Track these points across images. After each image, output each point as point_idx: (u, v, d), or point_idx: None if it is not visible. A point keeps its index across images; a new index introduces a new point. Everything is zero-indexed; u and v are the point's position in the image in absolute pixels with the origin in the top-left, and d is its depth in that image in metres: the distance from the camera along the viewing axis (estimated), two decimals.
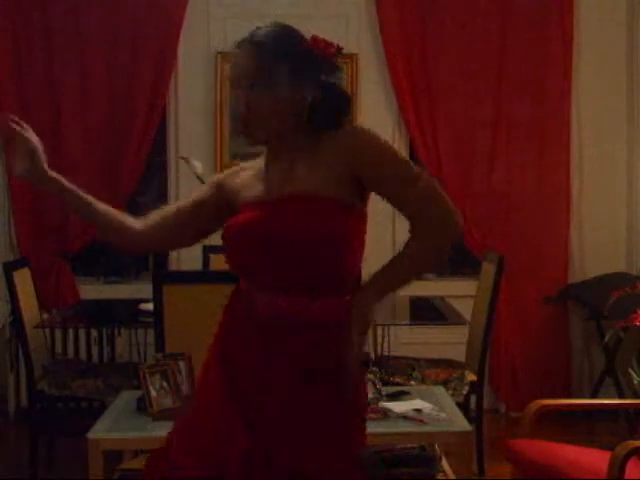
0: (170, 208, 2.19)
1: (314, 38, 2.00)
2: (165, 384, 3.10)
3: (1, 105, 5.09)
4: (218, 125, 5.27)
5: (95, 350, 4.78)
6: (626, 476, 2.77)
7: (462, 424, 3.08)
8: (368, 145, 1.94)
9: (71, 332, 4.78)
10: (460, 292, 5.02)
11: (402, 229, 5.25)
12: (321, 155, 1.94)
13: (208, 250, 4.84)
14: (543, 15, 5.22)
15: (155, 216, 2.16)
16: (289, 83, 1.94)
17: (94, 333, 4.77)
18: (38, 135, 2.03)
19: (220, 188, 2.12)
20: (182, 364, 3.16)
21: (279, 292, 1.94)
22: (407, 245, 1.95)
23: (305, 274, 1.93)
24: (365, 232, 1.99)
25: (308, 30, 2.08)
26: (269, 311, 1.95)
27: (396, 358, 4.46)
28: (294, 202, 1.92)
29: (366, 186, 1.96)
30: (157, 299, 3.58)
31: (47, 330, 4.54)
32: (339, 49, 2.01)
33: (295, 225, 1.90)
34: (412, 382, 4.08)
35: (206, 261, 4.87)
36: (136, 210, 2.25)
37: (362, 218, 1.98)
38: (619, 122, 5.35)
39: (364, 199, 1.98)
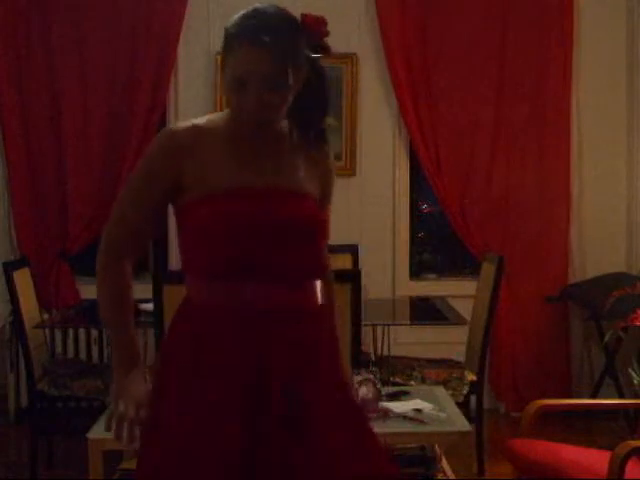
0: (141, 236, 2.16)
1: (305, 17, 1.91)
2: None
3: (1, 105, 5.09)
4: None
5: (95, 350, 4.78)
6: (626, 476, 2.77)
7: (462, 424, 3.08)
8: (333, 178, 2.13)
9: (71, 332, 4.79)
10: (460, 292, 5.02)
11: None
12: (317, 166, 2.05)
13: None
14: (543, 16, 5.22)
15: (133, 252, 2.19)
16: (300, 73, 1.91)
17: (94, 333, 4.77)
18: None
19: (179, 168, 1.93)
20: None
21: (278, 282, 1.93)
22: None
23: (306, 261, 1.98)
24: None
25: None
26: (267, 303, 1.92)
27: (396, 358, 4.46)
28: (303, 197, 2.00)
29: None
30: (157, 299, 3.57)
31: (47, 330, 4.54)
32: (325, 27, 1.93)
33: (309, 216, 1.99)
34: (412, 382, 4.08)
35: None
36: None
37: None
38: (619, 123, 5.35)
39: None
